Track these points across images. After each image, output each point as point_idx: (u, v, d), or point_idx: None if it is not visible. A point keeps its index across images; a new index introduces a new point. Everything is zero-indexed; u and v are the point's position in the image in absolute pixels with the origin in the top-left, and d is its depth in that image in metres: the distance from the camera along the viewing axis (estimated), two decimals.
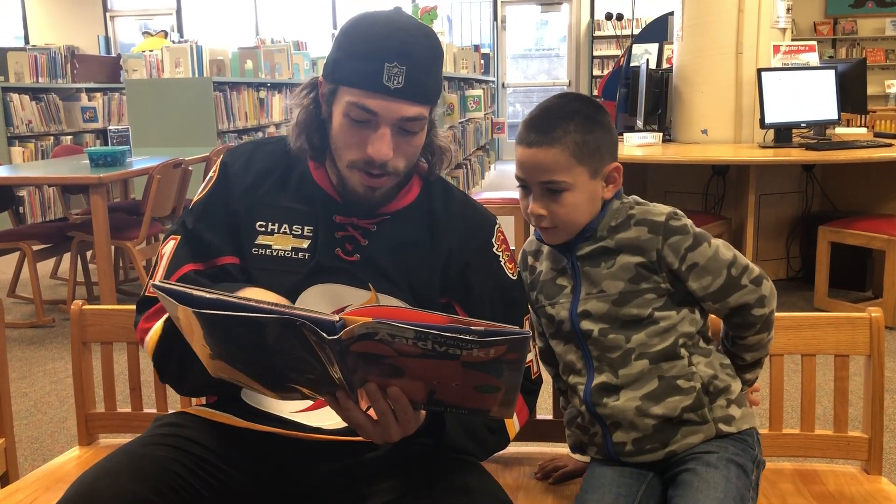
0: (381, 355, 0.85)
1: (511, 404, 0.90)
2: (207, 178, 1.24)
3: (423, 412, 1.00)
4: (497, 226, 1.27)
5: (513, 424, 1.21)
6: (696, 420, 1.18)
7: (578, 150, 1.18)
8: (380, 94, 1.07)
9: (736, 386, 1.23)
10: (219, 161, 1.24)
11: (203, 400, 1.29)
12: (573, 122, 1.19)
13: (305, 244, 1.17)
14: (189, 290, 0.87)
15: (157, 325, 1.15)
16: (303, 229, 1.18)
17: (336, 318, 0.83)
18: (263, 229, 1.18)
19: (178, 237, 1.20)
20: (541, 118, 1.20)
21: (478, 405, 0.91)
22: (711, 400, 1.20)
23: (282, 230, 1.18)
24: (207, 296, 0.86)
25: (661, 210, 1.22)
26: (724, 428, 1.19)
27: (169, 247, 1.20)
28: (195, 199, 1.23)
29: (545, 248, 1.30)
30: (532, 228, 1.28)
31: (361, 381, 0.91)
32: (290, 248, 1.17)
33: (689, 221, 1.22)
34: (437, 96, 1.15)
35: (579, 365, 1.23)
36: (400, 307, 0.86)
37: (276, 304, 0.87)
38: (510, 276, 1.25)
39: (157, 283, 0.90)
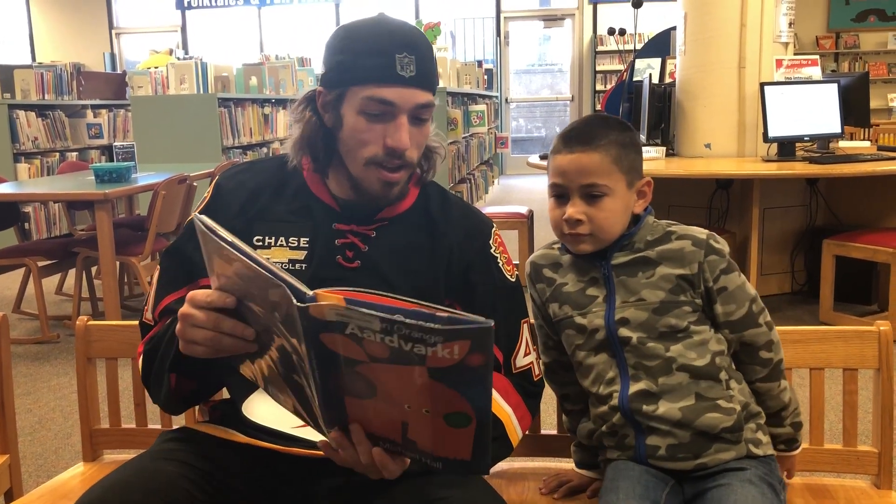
0: (353, 359, 0.84)
1: (485, 448, 0.86)
2: (202, 199, 1.25)
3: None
4: (493, 229, 1.29)
5: (515, 431, 1.20)
6: (730, 439, 1.20)
7: (619, 157, 1.23)
8: (396, 83, 1.10)
9: (763, 414, 1.26)
10: (213, 182, 1.25)
11: (206, 416, 1.29)
12: (613, 132, 1.24)
13: (302, 255, 1.18)
14: (217, 231, 0.92)
15: (143, 348, 1.19)
16: (299, 241, 1.19)
17: (310, 292, 0.84)
18: (261, 244, 1.19)
19: (160, 267, 1.22)
20: (581, 129, 1.26)
21: (451, 446, 0.88)
22: (746, 423, 1.22)
23: (278, 243, 1.19)
24: (230, 239, 0.90)
25: (701, 230, 1.26)
26: (753, 449, 1.21)
27: (155, 277, 1.22)
28: (188, 219, 1.24)
29: (566, 260, 1.31)
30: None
31: (335, 391, 0.89)
32: (286, 260, 1.18)
33: (726, 247, 1.26)
34: (437, 85, 1.19)
35: (612, 374, 1.24)
36: (372, 293, 0.86)
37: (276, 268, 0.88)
38: (509, 278, 1.26)
39: (198, 216, 0.94)
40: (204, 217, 0.94)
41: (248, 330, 0.95)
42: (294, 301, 0.82)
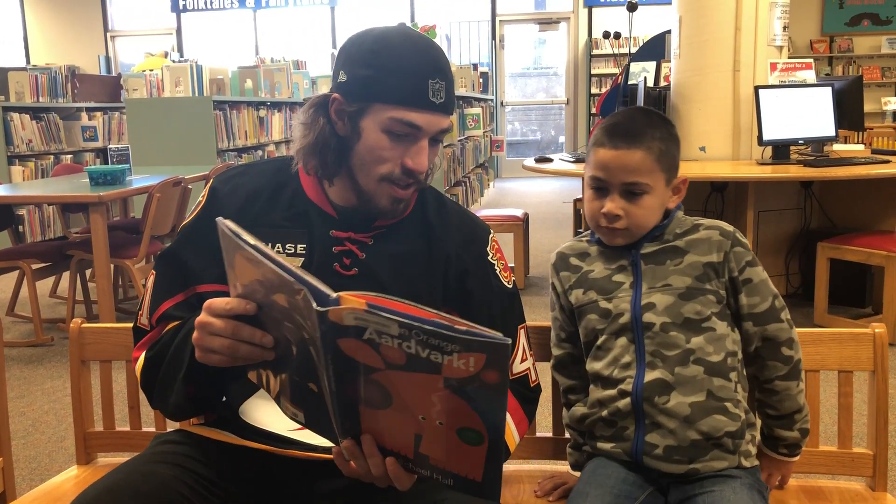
0: (370, 366, 0.84)
1: (497, 472, 0.86)
2: (196, 203, 1.24)
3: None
4: (491, 234, 1.28)
5: (512, 436, 1.20)
6: (728, 447, 1.20)
7: (662, 156, 1.25)
8: (426, 109, 1.10)
9: (757, 426, 1.28)
10: (208, 186, 1.24)
11: (202, 418, 1.29)
12: (658, 130, 1.26)
13: (299, 262, 1.16)
14: (241, 235, 0.92)
15: (143, 355, 1.17)
16: (296, 247, 1.18)
17: (333, 294, 0.83)
18: None
19: (156, 272, 1.20)
20: (626, 124, 1.26)
21: (463, 463, 0.88)
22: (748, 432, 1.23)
23: (275, 249, 1.17)
24: (252, 241, 0.90)
25: (728, 224, 1.30)
26: (743, 462, 1.22)
27: (150, 282, 1.21)
28: (183, 224, 1.23)
29: (594, 250, 1.33)
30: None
31: (351, 399, 0.88)
32: None
33: (749, 244, 1.29)
34: None
35: (628, 358, 1.24)
36: (396, 300, 0.86)
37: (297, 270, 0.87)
38: (506, 284, 1.26)
39: (222, 220, 0.93)
40: (227, 221, 0.93)
41: (266, 337, 0.94)
42: (314, 305, 0.82)
